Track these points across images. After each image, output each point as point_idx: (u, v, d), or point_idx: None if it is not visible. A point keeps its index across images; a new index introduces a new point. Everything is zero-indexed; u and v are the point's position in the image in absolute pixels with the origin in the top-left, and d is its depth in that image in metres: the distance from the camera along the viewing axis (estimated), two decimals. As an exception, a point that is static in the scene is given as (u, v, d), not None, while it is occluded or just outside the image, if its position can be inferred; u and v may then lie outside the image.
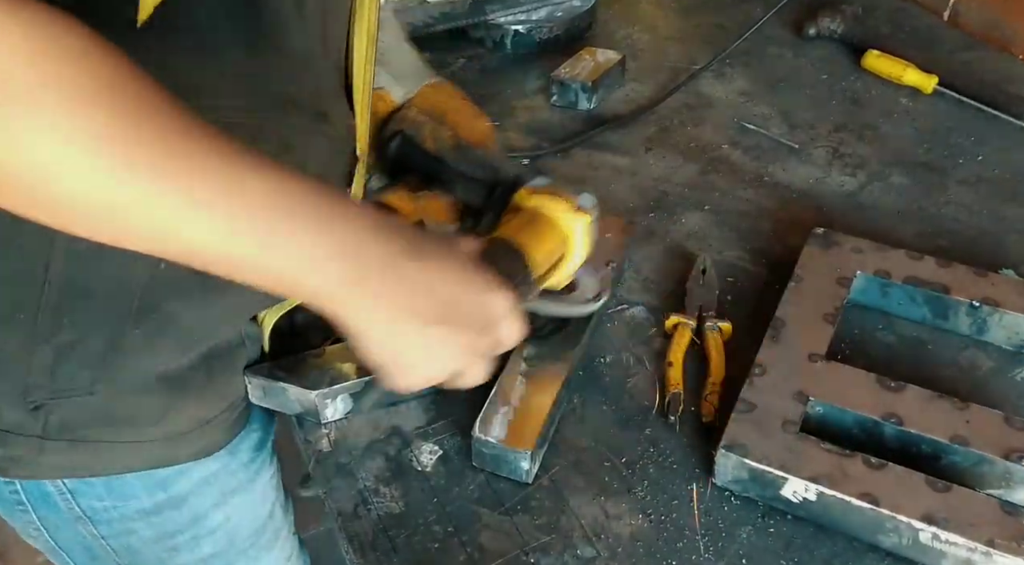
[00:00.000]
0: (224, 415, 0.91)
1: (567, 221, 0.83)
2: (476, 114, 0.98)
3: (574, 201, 0.85)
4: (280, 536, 1.12)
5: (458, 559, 0.86)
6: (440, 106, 0.95)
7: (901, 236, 1.22)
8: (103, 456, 0.85)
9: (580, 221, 0.84)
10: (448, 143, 0.92)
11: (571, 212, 0.84)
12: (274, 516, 1.09)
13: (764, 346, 0.99)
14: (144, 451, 0.86)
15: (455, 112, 0.95)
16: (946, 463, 0.90)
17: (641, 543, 0.87)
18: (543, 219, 0.83)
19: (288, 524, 1.15)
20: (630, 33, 1.69)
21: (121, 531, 0.92)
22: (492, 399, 0.94)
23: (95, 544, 0.93)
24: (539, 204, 0.84)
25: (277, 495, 1.09)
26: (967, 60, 1.58)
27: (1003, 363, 1.04)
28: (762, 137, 1.42)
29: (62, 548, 0.95)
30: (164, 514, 0.93)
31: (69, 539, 0.93)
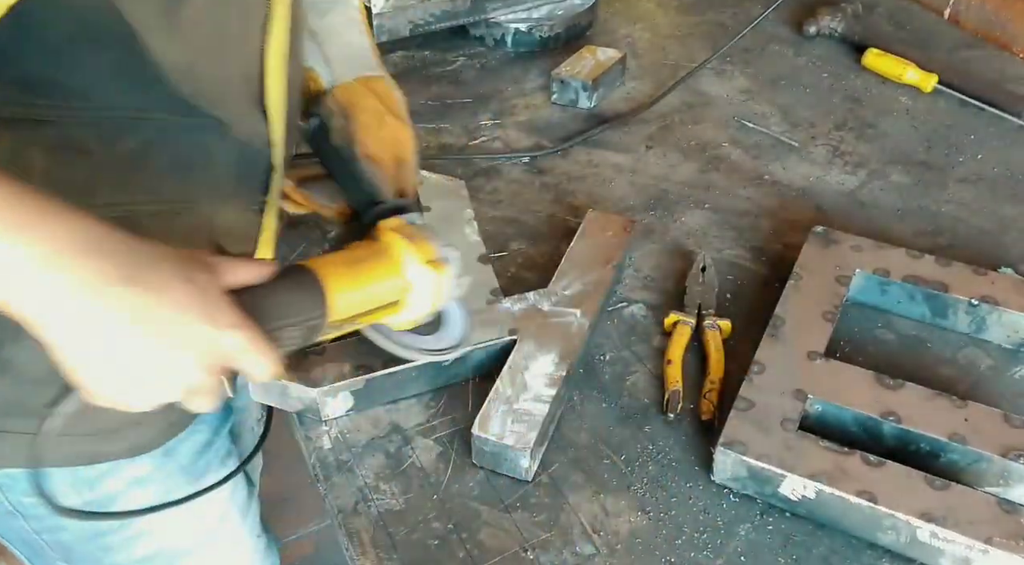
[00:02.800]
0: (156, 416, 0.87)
1: (412, 270, 0.79)
2: (388, 123, 0.93)
3: (433, 251, 0.80)
4: (236, 540, 1.09)
5: (458, 556, 0.86)
6: (355, 104, 0.92)
7: (900, 234, 1.22)
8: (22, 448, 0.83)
9: (427, 273, 0.79)
10: (345, 146, 0.90)
11: (422, 261, 0.79)
12: (227, 520, 1.07)
13: (763, 344, 0.99)
14: (66, 445, 0.84)
15: (366, 114, 0.91)
16: (944, 461, 0.90)
17: (640, 540, 0.88)
18: (386, 260, 0.79)
19: (249, 527, 1.13)
20: (631, 31, 1.70)
21: (52, 527, 0.92)
22: (492, 397, 0.94)
23: (31, 538, 0.93)
24: (391, 243, 0.80)
25: (232, 498, 1.07)
26: (967, 59, 1.58)
27: (1002, 361, 1.05)
28: (762, 135, 1.42)
29: (6, 539, 0.95)
30: None
31: (9, 531, 0.93)
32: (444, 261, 0.81)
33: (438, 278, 0.80)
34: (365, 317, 0.78)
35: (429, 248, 0.80)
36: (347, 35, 0.97)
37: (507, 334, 1.01)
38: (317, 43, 0.95)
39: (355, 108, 0.91)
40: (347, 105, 0.91)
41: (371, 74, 0.95)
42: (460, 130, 1.43)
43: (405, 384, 0.99)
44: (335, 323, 0.74)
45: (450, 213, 1.20)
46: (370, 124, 0.91)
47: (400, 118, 0.94)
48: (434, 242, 0.81)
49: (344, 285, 0.74)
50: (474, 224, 1.18)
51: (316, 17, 0.96)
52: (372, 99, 0.93)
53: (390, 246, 0.79)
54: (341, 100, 0.92)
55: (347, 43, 0.96)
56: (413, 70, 1.58)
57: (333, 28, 0.97)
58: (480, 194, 1.29)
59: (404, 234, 0.80)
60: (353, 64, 0.95)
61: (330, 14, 0.97)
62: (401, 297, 0.79)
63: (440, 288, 0.81)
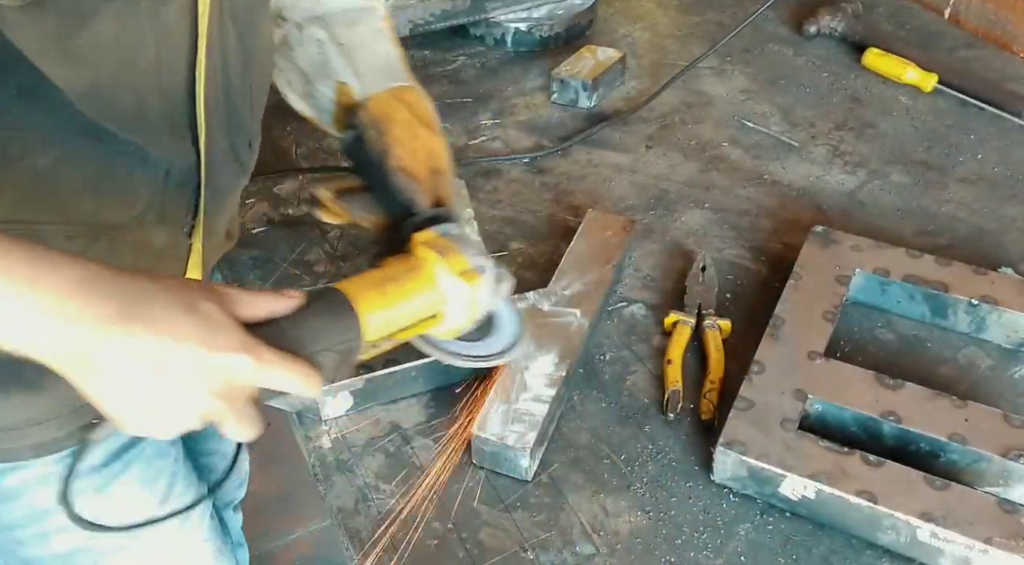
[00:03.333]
0: (62, 419, 0.88)
1: (446, 283, 0.79)
2: (420, 135, 0.92)
3: (466, 262, 0.79)
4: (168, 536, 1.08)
5: (457, 556, 0.86)
6: (387, 117, 0.92)
7: (900, 234, 1.22)
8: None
9: (461, 285, 0.79)
10: (379, 158, 0.89)
11: (455, 274, 0.79)
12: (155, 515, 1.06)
13: (763, 344, 0.99)
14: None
15: (399, 127, 0.91)
16: (944, 461, 0.90)
17: (640, 540, 0.88)
18: (418, 275, 0.78)
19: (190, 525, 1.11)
20: (631, 31, 1.70)
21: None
22: (492, 397, 0.94)
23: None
24: (423, 257, 0.79)
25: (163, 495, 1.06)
26: (967, 58, 1.58)
27: (1002, 361, 1.05)
28: (762, 135, 1.42)
29: None
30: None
31: None
32: (479, 270, 0.80)
33: (472, 289, 0.80)
34: (403, 333, 0.78)
35: (462, 260, 0.80)
36: (375, 46, 0.98)
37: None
38: (346, 55, 0.95)
39: (388, 121, 0.91)
40: (380, 118, 0.91)
41: (402, 84, 0.96)
42: (460, 130, 1.43)
43: (405, 384, 0.99)
44: (373, 342, 0.75)
45: (450, 213, 1.20)
46: (403, 136, 0.90)
47: (432, 128, 0.94)
48: (467, 252, 0.80)
49: (376, 305, 0.74)
50: (474, 224, 1.18)
51: (344, 29, 0.97)
52: (404, 111, 0.93)
53: (422, 261, 0.79)
54: (374, 113, 0.92)
55: (376, 54, 0.97)
56: (413, 70, 1.56)
57: (361, 39, 0.97)
58: (480, 194, 1.29)
59: (436, 247, 0.80)
60: (383, 75, 0.96)
61: (358, 25, 0.97)
62: (438, 310, 0.80)
63: (476, 298, 0.81)
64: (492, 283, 0.82)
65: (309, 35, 0.96)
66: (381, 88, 0.94)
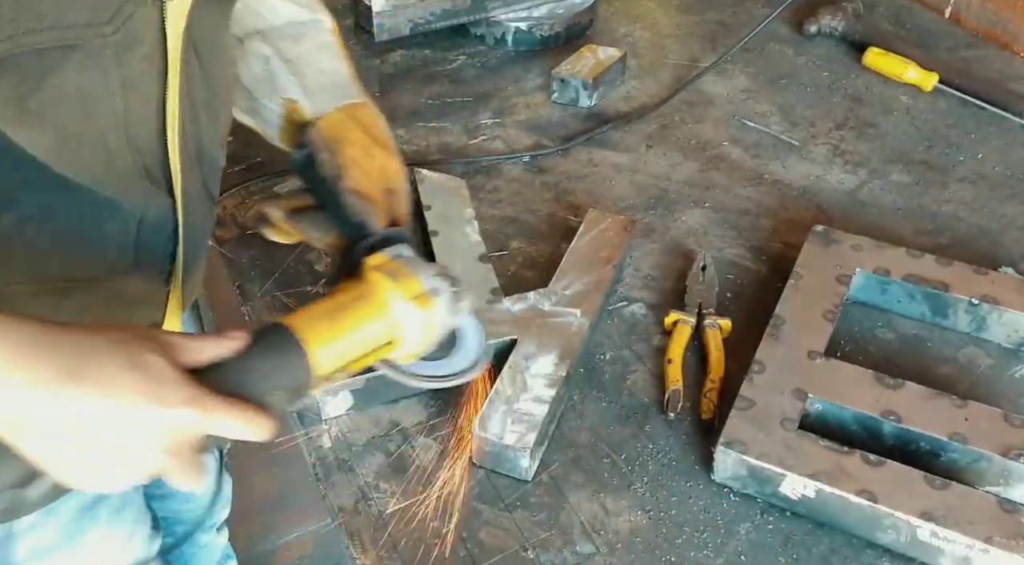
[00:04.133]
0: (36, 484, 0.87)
1: (398, 309, 0.75)
2: (375, 155, 0.89)
3: (420, 286, 0.76)
4: None
5: (458, 555, 0.86)
6: (340, 137, 0.89)
7: (901, 234, 1.22)
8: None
9: (414, 310, 0.75)
10: (332, 179, 0.87)
11: (408, 299, 0.75)
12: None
13: (763, 343, 0.99)
14: None
15: (353, 148, 0.88)
16: (945, 460, 0.90)
17: (640, 539, 0.88)
18: (369, 302, 0.75)
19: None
20: (631, 30, 1.69)
21: None
22: (492, 397, 0.94)
23: None
24: (374, 283, 0.76)
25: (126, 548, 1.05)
26: (968, 58, 1.58)
27: (1002, 361, 1.05)
28: (762, 134, 1.42)
29: None
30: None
31: None
32: (433, 293, 0.77)
33: (427, 313, 0.76)
34: (358, 362, 0.75)
35: (415, 283, 0.76)
36: (323, 62, 0.94)
37: (507, 334, 1.01)
38: (294, 73, 0.92)
39: (340, 141, 0.88)
40: (332, 138, 0.88)
41: (353, 101, 0.92)
42: (460, 129, 1.43)
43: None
44: (325, 376, 0.72)
45: (450, 212, 1.20)
46: (357, 157, 0.88)
47: (387, 147, 0.91)
48: (421, 276, 0.77)
49: (326, 338, 0.71)
50: (474, 223, 1.18)
51: (289, 44, 0.93)
52: (357, 130, 0.90)
53: (374, 286, 0.76)
54: (325, 133, 0.89)
55: (324, 71, 0.93)
56: (413, 69, 1.58)
57: (309, 55, 0.93)
58: (480, 193, 1.29)
59: (387, 271, 0.77)
60: (333, 93, 0.92)
61: (304, 40, 0.94)
62: (392, 337, 0.77)
63: (431, 323, 0.78)
64: (449, 304, 0.78)
65: (252, 50, 0.93)
66: (332, 106, 0.91)
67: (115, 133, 0.73)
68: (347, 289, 0.76)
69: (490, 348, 0.91)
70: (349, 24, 1.69)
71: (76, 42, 0.66)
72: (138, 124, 0.75)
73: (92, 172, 0.74)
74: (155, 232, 0.82)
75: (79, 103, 0.69)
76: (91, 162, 0.73)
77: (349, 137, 0.89)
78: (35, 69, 0.66)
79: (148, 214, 0.79)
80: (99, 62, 0.68)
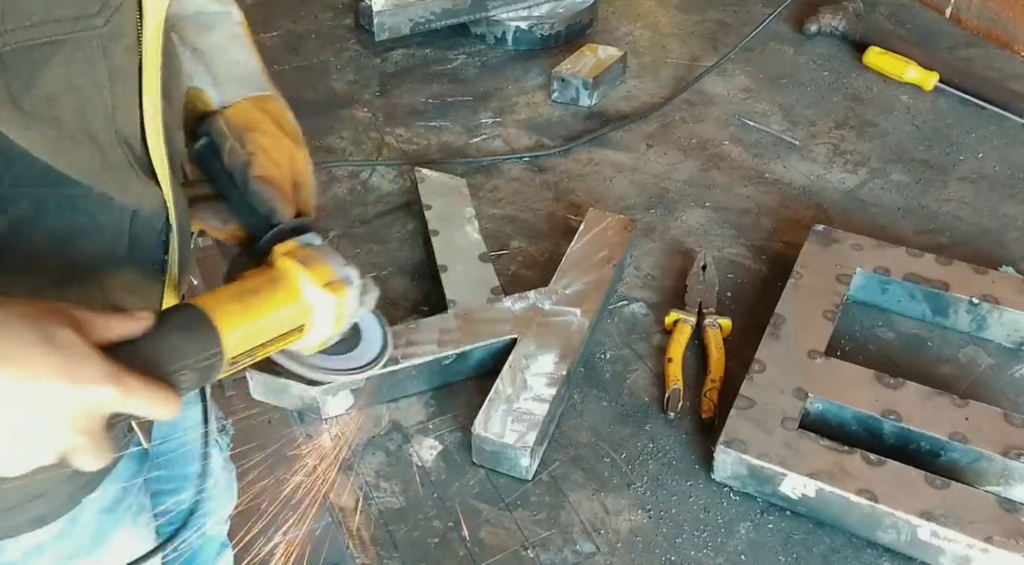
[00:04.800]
0: (61, 487, 0.85)
1: (310, 294, 0.75)
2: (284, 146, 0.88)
3: (332, 272, 0.76)
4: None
5: (458, 554, 0.86)
6: (250, 127, 0.88)
7: (901, 233, 1.22)
8: None
9: (326, 297, 0.75)
10: (240, 168, 0.86)
11: (319, 285, 0.75)
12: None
13: (764, 343, 0.99)
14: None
15: (263, 137, 0.87)
16: (945, 460, 0.90)
17: (640, 538, 0.88)
18: (281, 287, 0.75)
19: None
20: (631, 30, 1.69)
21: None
22: (492, 396, 0.94)
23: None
24: (286, 269, 0.76)
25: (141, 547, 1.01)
26: (968, 57, 1.58)
27: (1002, 360, 1.05)
28: (763, 134, 1.42)
29: None
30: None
31: None
32: (345, 281, 0.77)
33: (338, 300, 0.76)
34: (267, 347, 0.75)
35: (327, 270, 0.76)
36: (232, 53, 0.93)
37: (507, 333, 1.01)
38: (203, 62, 0.92)
39: (250, 130, 0.88)
40: (241, 127, 0.88)
41: (262, 94, 0.92)
42: (460, 128, 1.43)
43: (405, 383, 0.99)
44: (236, 358, 0.72)
45: (451, 211, 1.20)
46: (266, 146, 0.87)
47: (296, 140, 0.90)
48: (332, 263, 0.77)
49: (237, 320, 0.70)
50: (475, 222, 1.18)
51: (199, 34, 0.93)
52: (267, 121, 0.89)
53: (285, 272, 0.76)
54: (234, 122, 0.88)
55: (233, 61, 0.93)
56: (414, 68, 1.58)
57: (218, 46, 0.93)
58: (480, 192, 1.29)
59: (299, 258, 0.76)
60: (242, 84, 0.92)
61: (213, 31, 0.94)
62: (303, 323, 0.76)
63: (342, 310, 0.77)
64: (358, 294, 0.79)
65: None
66: (241, 96, 0.90)
67: (105, 126, 0.73)
68: (256, 275, 0.76)
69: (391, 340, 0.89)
70: (349, 23, 1.69)
71: (66, 36, 0.66)
72: (124, 116, 0.75)
73: (89, 167, 0.74)
74: (148, 223, 0.82)
75: (71, 98, 0.69)
76: (87, 157, 0.73)
77: (259, 126, 0.88)
78: (25, 66, 0.65)
79: (142, 206, 0.80)
80: (86, 55, 0.68)
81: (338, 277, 0.77)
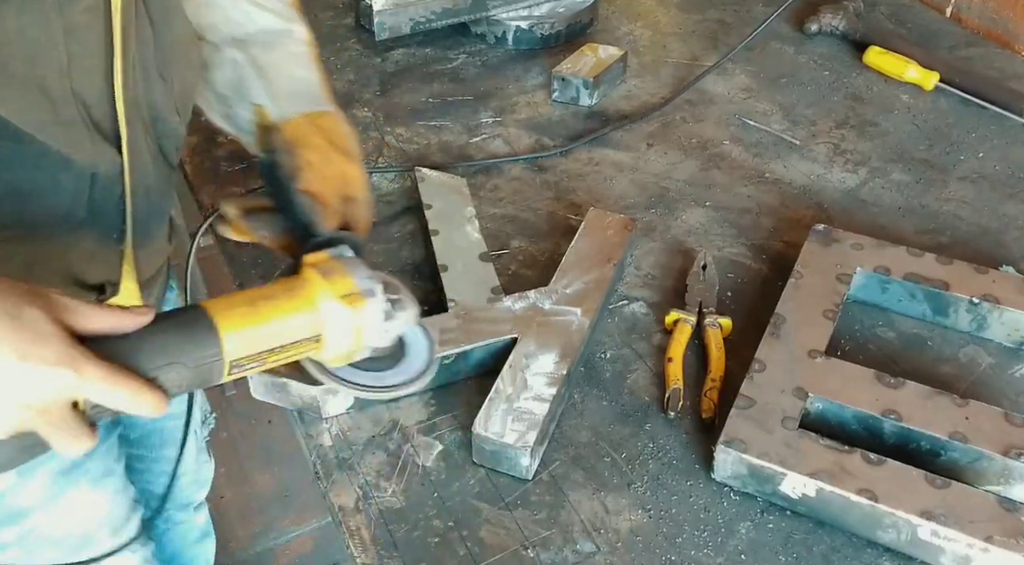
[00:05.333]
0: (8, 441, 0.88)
1: (326, 305, 0.74)
2: (333, 160, 0.90)
3: (352, 285, 0.75)
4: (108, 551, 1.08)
5: (458, 554, 0.87)
6: (300, 141, 0.89)
7: (901, 233, 1.22)
8: None
9: (341, 308, 0.74)
10: (287, 181, 0.87)
11: (336, 296, 0.74)
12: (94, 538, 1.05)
13: (764, 342, 0.99)
14: None
15: (311, 151, 0.89)
16: (945, 459, 0.90)
17: (640, 538, 0.88)
18: (297, 295, 0.74)
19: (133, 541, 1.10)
20: (632, 29, 1.69)
21: None
22: (493, 396, 0.94)
23: None
24: (308, 277, 0.76)
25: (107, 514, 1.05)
26: (968, 57, 1.58)
27: (1003, 360, 1.05)
28: (763, 133, 1.42)
29: None
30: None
31: None
32: (366, 294, 0.76)
33: (354, 313, 0.75)
34: (277, 354, 0.74)
35: (348, 282, 0.75)
36: (292, 70, 0.95)
37: (507, 333, 1.01)
38: (262, 77, 0.94)
39: (300, 145, 0.89)
40: (292, 142, 0.89)
41: (319, 109, 0.94)
42: (461, 128, 1.43)
43: (406, 382, 0.99)
44: (240, 361, 0.71)
45: (451, 211, 1.20)
46: (315, 160, 0.88)
47: (348, 155, 0.91)
48: (356, 275, 0.76)
49: (241, 323, 0.70)
50: (475, 222, 1.18)
51: (261, 51, 0.95)
52: (318, 136, 0.90)
53: (304, 281, 0.76)
54: (287, 136, 0.90)
55: (292, 77, 0.95)
56: (414, 68, 1.58)
57: (278, 63, 0.95)
58: (481, 192, 1.29)
59: (322, 268, 0.76)
60: (299, 99, 0.94)
61: (276, 48, 0.96)
62: (318, 333, 0.75)
63: (359, 324, 0.76)
64: (381, 309, 0.77)
65: (227, 57, 0.95)
66: (296, 112, 0.92)
67: (59, 82, 0.74)
68: (279, 282, 0.77)
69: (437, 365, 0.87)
70: (349, 22, 1.69)
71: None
72: (83, 75, 0.76)
73: (37, 118, 0.75)
74: (107, 188, 0.83)
75: (20, 48, 0.71)
76: (35, 108, 0.74)
77: (309, 141, 0.89)
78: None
79: (99, 169, 0.81)
80: (40, 9, 0.70)
81: (358, 290, 0.76)
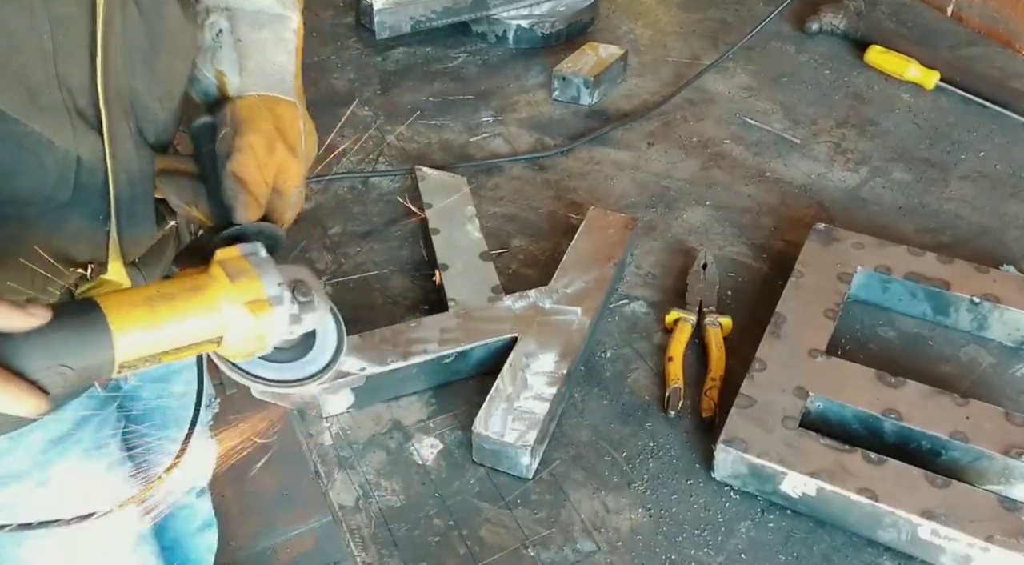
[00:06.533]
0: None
1: (229, 311, 0.72)
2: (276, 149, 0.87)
3: (260, 290, 0.73)
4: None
5: (458, 553, 0.86)
6: (248, 122, 0.86)
7: (902, 232, 1.22)
8: None
9: (245, 315, 0.72)
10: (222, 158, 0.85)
11: (241, 302, 0.72)
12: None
13: (764, 341, 0.99)
14: None
15: (256, 136, 0.86)
16: (946, 459, 0.90)
17: (640, 537, 0.88)
18: (201, 296, 0.72)
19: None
20: (632, 28, 1.69)
21: None
22: (493, 395, 0.94)
23: None
24: (214, 278, 0.73)
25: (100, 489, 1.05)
26: (969, 56, 1.58)
27: (1003, 359, 1.04)
28: (764, 132, 1.42)
29: None
30: None
31: None
32: (272, 302, 0.73)
33: (257, 321, 0.73)
34: (174, 354, 0.72)
35: (256, 286, 0.73)
36: (270, 52, 0.94)
37: (508, 332, 1.01)
38: (239, 52, 0.92)
39: (247, 125, 0.87)
40: (240, 120, 0.87)
41: (280, 97, 0.92)
42: (461, 127, 1.43)
43: (406, 381, 0.99)
44: (132, 362, 0.69)
45: (451, 210, 1.20)
46: (256, 146, 0.86)
47: (293, 149, 0.89)
48: (266, 280, 0.73)
49: (139, 325, 0.68)
50: (475, 221, 1.18)
51: (248, 29, 0.94)
52: (268, 122, 0.88)
53: (210, 282, 0.73)
54: (238, 113, 0.88)
55: (266, 59, 0.93)
56: (414, 67, 1.58)
57: (259, 42, 0.93)
58: (481, 191, 1.29)
59: (231, 269, 0.73)
60: (264, 81, 0.92)
61: (264, 29, 0.94)
62: (221, 336, 0.73)
63: (261, 331, 0.74)
64: (287, 315, 0.75)
65: (211, 22, 0.93)
66: (256, 92, 0.90)
67: (42, 69, 0.75)
68: (187, 276, 0.74)
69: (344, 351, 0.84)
70: (350, 21, 1.69)
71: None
72: (68, 63, 0.77)
73: (16, 102, 0.76)
74: (91, 172, 0.83)
75: (3, 37, 0.72)
76: (14, 92, 0.75)
77: (257, 125, 0.87)
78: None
79: (82, 153, 0.81)
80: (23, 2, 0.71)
81: (265, 296, 0.73)
